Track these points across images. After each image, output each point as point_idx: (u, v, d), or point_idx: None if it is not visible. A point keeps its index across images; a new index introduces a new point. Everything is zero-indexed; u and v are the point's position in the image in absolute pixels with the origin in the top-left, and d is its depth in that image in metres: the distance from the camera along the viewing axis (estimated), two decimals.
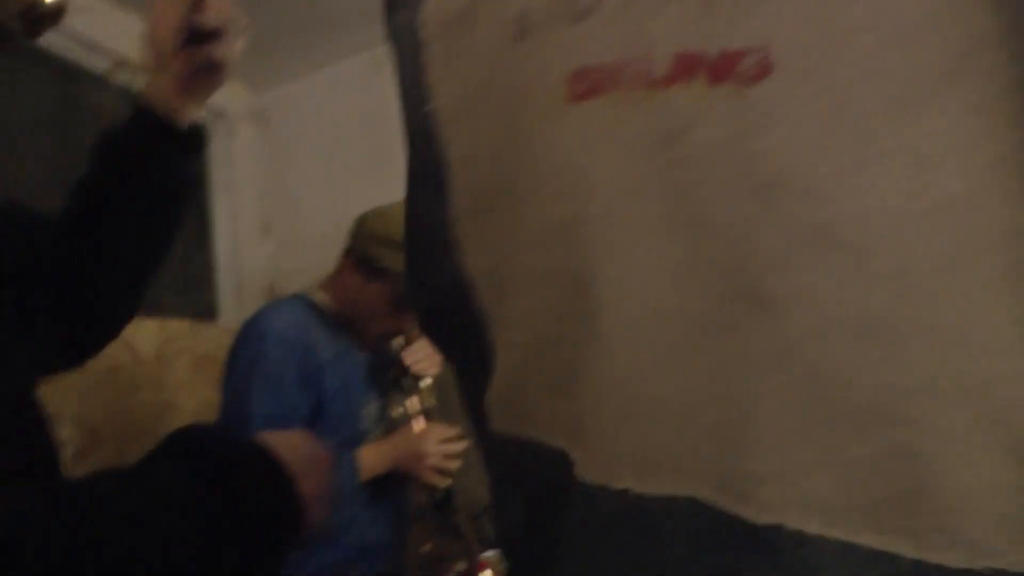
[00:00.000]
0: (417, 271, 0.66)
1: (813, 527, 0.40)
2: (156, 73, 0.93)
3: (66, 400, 1.74)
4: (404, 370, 1.80)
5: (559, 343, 0.49)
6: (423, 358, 1.81)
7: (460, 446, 1.75)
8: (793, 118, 0.40)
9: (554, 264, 0.50)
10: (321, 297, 1.78)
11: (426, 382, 1.83)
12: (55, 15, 2.04)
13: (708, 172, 0.43)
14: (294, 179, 3.05)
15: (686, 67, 0.41)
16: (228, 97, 2.79)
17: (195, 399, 2.28)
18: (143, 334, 2.13)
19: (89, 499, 0.54)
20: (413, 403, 1.82)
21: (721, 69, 0.41)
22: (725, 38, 0.41)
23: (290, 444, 0.70)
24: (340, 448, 1.66)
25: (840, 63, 0.39)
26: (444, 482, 1.75)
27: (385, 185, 2.86)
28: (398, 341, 1.81)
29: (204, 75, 0.94)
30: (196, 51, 0.92)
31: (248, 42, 0.99)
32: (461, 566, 1.77)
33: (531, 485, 0.54)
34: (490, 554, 1.78)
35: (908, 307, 0.38)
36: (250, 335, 1.67)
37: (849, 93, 0.39)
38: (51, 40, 2.12)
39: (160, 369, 2.20)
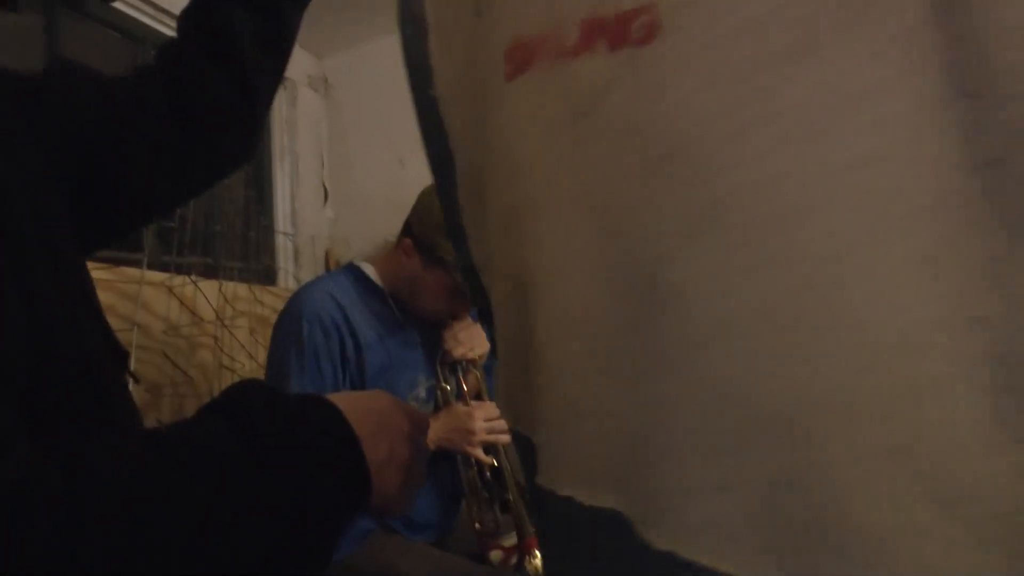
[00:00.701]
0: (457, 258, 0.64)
1: (704, 559, 0.34)
2: None
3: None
4: (447, 350, 1.80)
5: (518, 339, 0.45)
6: (464, 340, 1.79)
7: (506, 430, 1.75)
8: (682, 80, 0.34)
9: (505, 256, 0.46)
10: (374, 271, 1.78)
11: (476, 360, 1.83)
12: None
13: (611, 149, 0.38)
14: (354, 146, 3.07)
15: (590, 34, 0.37)
16: (290, 63, 2.80)
17: (253, 361, 2.32)
18: (203, 296, 2.17)
19: (112, 461, 0.47)
20: (460, 381, 1.81)
21: (618, 33, 0.36)
22: (611, 3, 0.36)
23: (363, 405, 0.63)
24: None
25: (724, 12, 0.34)
26: (490, 460, 1.76)
27: None
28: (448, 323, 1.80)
29: None
30: None
31: (311, 9, 0.99)
32: (510, 541, 1.77)
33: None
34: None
35: (814, 297, 0.31)
36: (288, 316, 1.68)
37: (737, 45, 0.33)
38: (123, 3, 2.16)
39: (219, 330, 2.25)
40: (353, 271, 1.79)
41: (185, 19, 0.91)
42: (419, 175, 2.05)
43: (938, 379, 0.29)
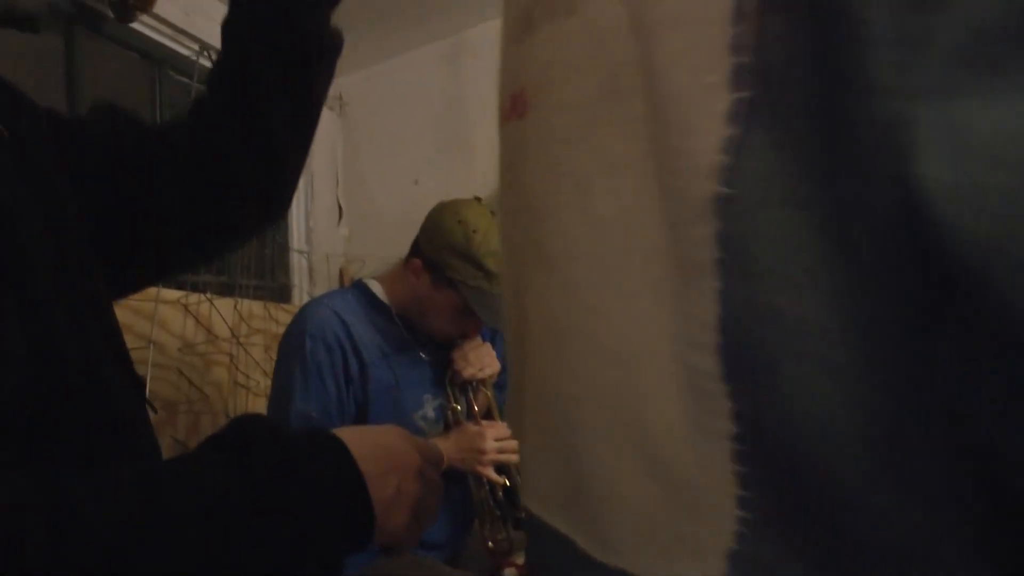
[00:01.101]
0: None
1: (546, 516, 0.46)
2: None
3: (143, 375, 1.79)
4: (457, 370, 1.78)
5: (513, 358, 0.55)
6: (474, 360, 1.78)
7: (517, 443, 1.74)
8: (536, 148, 0.45)
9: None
10: (382, 289, 1.77)
11: (486, 380, 1.82)
12: (147, 1, 2.09)
13: (510, 200, 0.50)
14: (368, 165, 3.09)
15: (513, 104, 0.48)
16: None
17: (268, 378, 2.33)
18: (218, 313, 2.18)
19: (98, 498, 0.46)
20: (470, 401, 1.80)
21: (516, 107, 0.47)
22: (517, 80, 0.48)
23: (373, 440, 0.63)
24: None
25: (550, 94, 0.44)
26: (502, 479, 1.75)
27: (457, 173, 2.90)
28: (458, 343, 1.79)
29: None
30: None
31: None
32: (521, 559, 1.77)
33: None
34: None
35: (577, 318, 0.42)
36: (292, 334, 1.69)
37: (551, 122, 0.44)
38: (141, 24, 2.18)
39: (234, 348, 2.26)
40: (359, 288, 1.78)
41: (216, 76, 0.90)
42: (433, 194, 2.07)
43: (653, 383, 0.38)
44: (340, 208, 3.11)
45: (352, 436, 0.61)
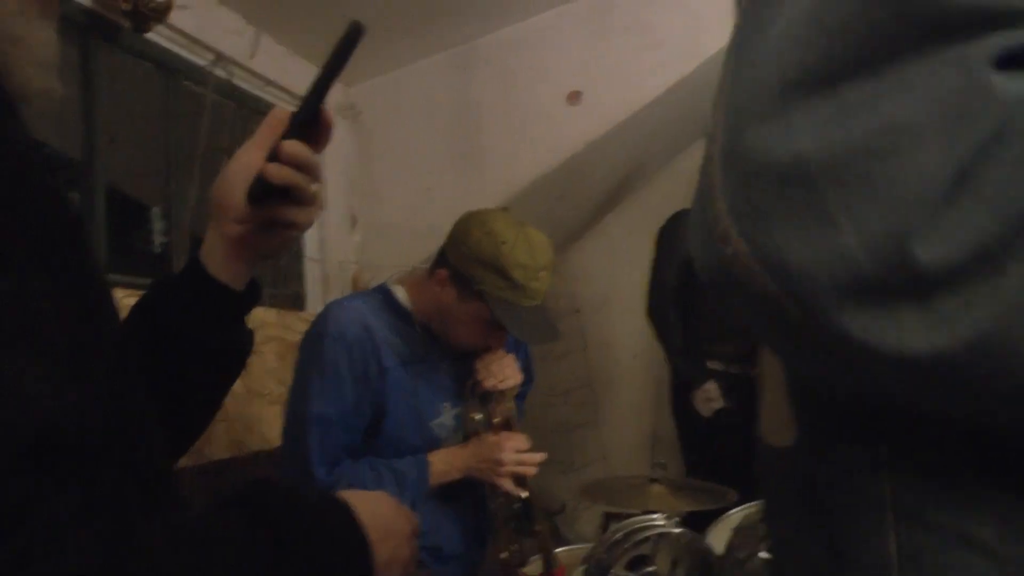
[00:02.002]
0: None
1: None
2: (218, 223, 0.81)
3: None
4: (479, 380, 1.75)
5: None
6: (496, 371, 1.75)
7: (537, 456, 1.72)
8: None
9: None
10: (406, 295, 1.75)
11: (507, 392, 1.80)
12: (162, 11, 2.11)
13: None
14: (381, 172, 3.10)
15: None
16: None
17: (282, 386, 2.34)
18: None
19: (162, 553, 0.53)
20: (491, 411, 1.77)
21: None
22: None
23: (372, 508, 0.71)
24: (410, 453, 1.66)
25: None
26: (521, 491, 1.72)
27: (469, 181, 2.91)
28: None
29: (270, 236, 0.82)
30: (262, 210, 0.79)
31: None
32: (536, 569, 1.76)
33: None
34: (563, 551, 1.78)
35: None
36: (312, 335, 1.67)
37: None
38: (156, 34, 2.20)
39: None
40: (383, 292, 1.75)
41: (137, 311, 0.85)
42: (445, 202, 2.07)
43: None
44: (353, 216, 3.12)
45: (358, 503, 0.70)
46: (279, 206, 0.79)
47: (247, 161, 0.79)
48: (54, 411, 0.49)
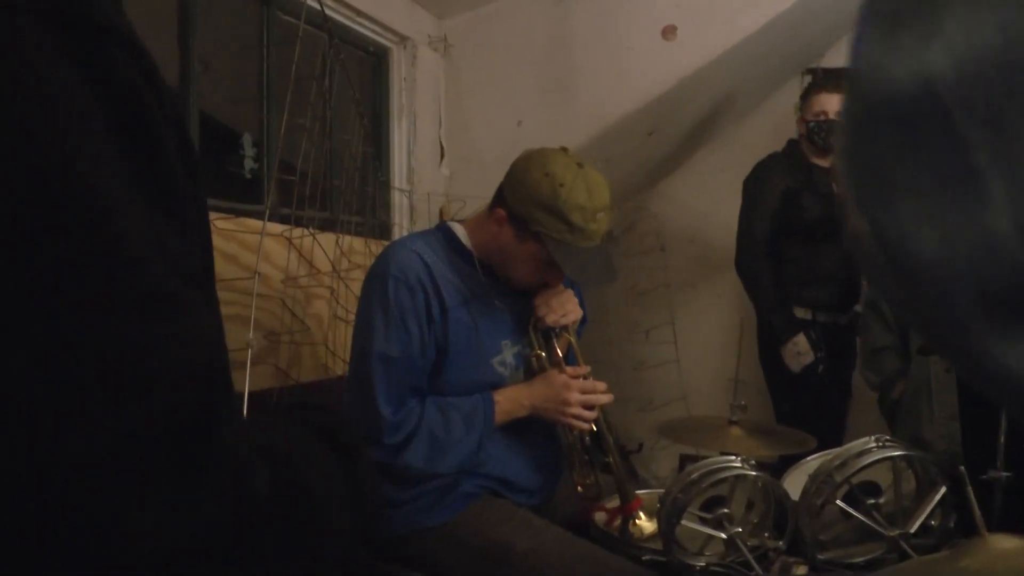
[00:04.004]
0: None
1: None
2: None
3: (247, 305, 1.85)
4: (540, 316, 1.76)
5: None
6: (556, 307, 1.75)
7: (602, 387, 1.74)
8: None
9: None
10: (465, 233, 1.76)
11: (569, 327, 1.79)
12: None
13: None
14: (471, 105, 3.08)
15: None
16: (411, 23, 2.83)
17: None
18: (320, 248, 2.24)
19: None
20: (554, 347, 1.78)
21: None
22: None
23: None
24: (471, 391, 1.69)
25: None
26: (588, 427, 1.74)
27: (560, 115, 2.88)
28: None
29: None
30: None
31: None
32: (613, 504, 1.77)
33: None
34: (643, 492, 1.78)
35: None
36: (377, 272, 1.69)
37: None
38: None
39: (335, 282, 2.31)
40: (443, 231, 1.77)
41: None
42: (536, 135, 2.07)
43: None
44: (442, 148, 3.12)
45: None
46: None
47: None
48: (219, 346, 0.52)
